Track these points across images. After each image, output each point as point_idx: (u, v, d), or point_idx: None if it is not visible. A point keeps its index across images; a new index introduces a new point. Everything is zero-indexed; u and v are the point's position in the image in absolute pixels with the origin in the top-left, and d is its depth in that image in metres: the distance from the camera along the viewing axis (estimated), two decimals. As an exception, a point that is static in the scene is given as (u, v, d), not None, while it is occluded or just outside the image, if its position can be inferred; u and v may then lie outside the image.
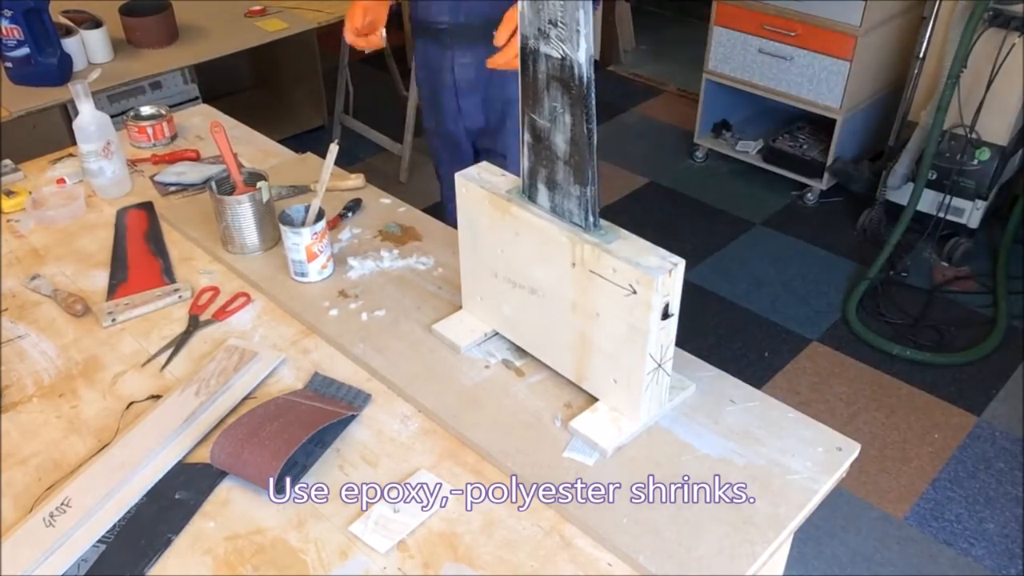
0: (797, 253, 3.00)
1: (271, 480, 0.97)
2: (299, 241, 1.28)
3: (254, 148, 1.76)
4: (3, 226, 1.52)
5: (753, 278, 2.88)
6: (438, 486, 1.00)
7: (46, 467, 1.05)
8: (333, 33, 3.43)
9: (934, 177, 2.79)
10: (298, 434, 1.01)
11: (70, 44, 2.30)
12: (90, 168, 1.55)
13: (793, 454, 1.02)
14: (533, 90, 0.96)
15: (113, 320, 1.28)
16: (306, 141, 3.51)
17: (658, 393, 1.04)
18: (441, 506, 0.98)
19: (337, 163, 1.34)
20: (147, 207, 1.56)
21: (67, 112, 2.31)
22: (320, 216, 1.30)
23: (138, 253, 1.44)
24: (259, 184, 1.38)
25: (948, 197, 2.80)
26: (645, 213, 3.26)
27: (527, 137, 1.01)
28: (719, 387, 1.12)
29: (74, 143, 1.56)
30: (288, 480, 1.00)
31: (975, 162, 2.73)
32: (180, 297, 1.32)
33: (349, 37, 1.56)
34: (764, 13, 3.03)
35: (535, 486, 0.99)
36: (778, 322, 2.68)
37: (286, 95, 3.76)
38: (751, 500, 0.97)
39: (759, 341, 2.61)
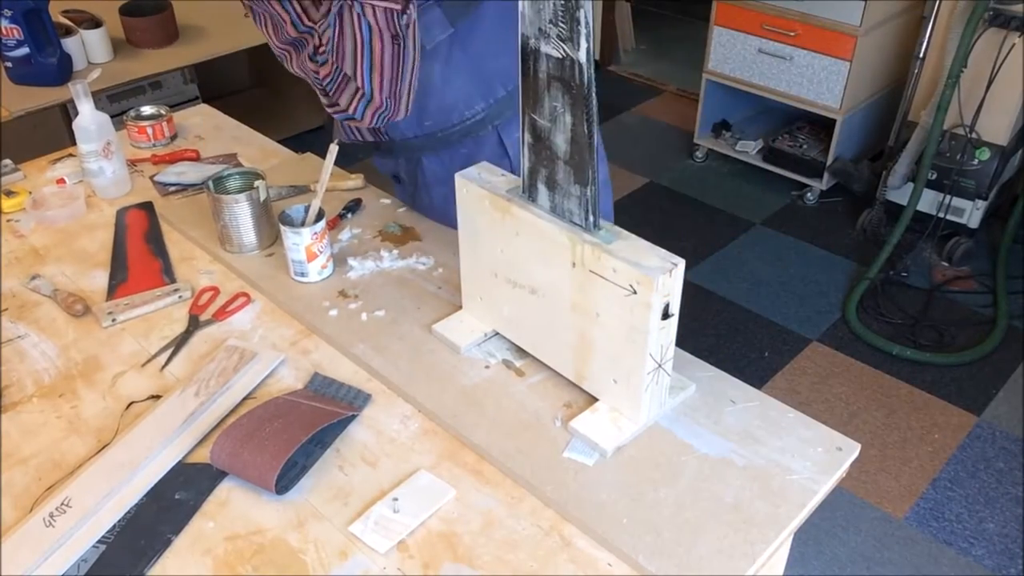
0: (797, 253, 3.00)
1: (271, 480, 0.97)
2: (299, 241, 1.28)
3: (254, 148, 1.76)
4: (3, 226, 1.52)
5: (753, 278, 2.88)
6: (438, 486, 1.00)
7: (46, 467, 1.05)
8: (333, 33, 3.43)
9: (934, 177, 2.79)
10: (298, 434, 1.01)
11: (70, 44, 2.30)
12: (90, 168, 1.55)
13: (793, 454, 1.02)
14: (533, 90, 0.96)
15: (113, 320, 1.28)
16: (306, 141, 3.50)
17: (658, 393, 1.04)
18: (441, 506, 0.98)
19: (337, 163, 1.34)
20: (147, 207, 1.56)
21: (67, 112, 2.31)
22: (320, 216, 1.30)
23: (138, 253, 1.44)
24: (256, 183, 1.38)
25: (948, 197, 2.80)
26: (645, 213, 3.26)
27: (527, 137, 1.01)
28: (719, 387, 1.12)
29: (74, 143, 1.56)
30: (287, 480, 1.01)
31: (975, 162, 2.73)
32: (180, 297, 1.32)
33: None
34: (764, 13, 3.03)
35: (535, 486, 0.99)
36: (778, 322, 2.68)
37: (286, 95, 3.75)
38: (751, 500, 0.97)
39: (759, 341, 2.61)
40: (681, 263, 0.94)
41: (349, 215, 1.50)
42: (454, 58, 1.22)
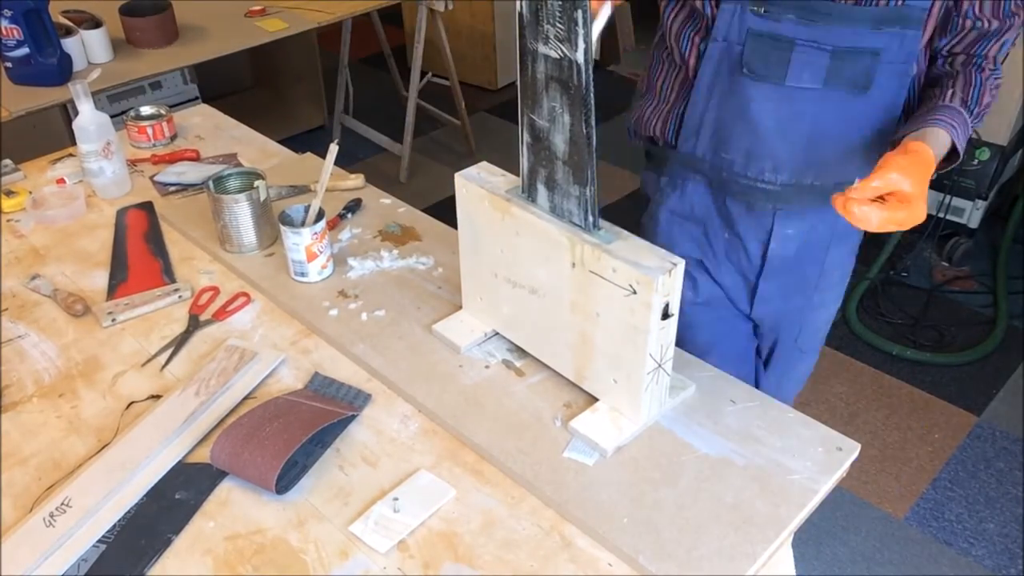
0: (797, 253, 3.00)
1: (271, 480, 0.97)
2: (299, 241, 1.28)
3: (254, 148, 1.76)
4: (3, 226, 1.52)
5: (753, 278, 2.88)
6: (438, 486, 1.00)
7: (46, 467, 1.05)
8: (333, 33, 3.44)
9: (934, 177, 2.79)
10: (298, 434, 1.01)
11: (70, 44, 2.30)
12: (90, 168, 1.55)
13: (793, 454, 1.02)
14: (532, 90, 0.96)
15: (113, 320, 1.28)
16: (306, 141, 3.51)
17: (658, 393, 1.04)
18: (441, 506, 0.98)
19: (337, 163, 1.34)
20: (147, 207, 1.56)
21: (67, 112, 2.31)
22: (320, 216, 1.30)
23: (138, 253, 1.44)
24: (256, 183, 1.38)
25: (948, 197, 2.80)
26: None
27: (526, 137, 1.01)
28: (719, 387, 1.12)
29: (74, 143, 1.56)
30: (288, 480, 1.01)
31: (975, 162, 2.73)
32: (180, 297, 1.32)
33: None
34: (764, 13, 3.02)
35: (535, 486, 0.99)
36: (778, 322, 2.68)
37: (286, 95, 3.75)
38: (751, 500, 0.97)
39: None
40: (681, 263, 0.94)
41: (349, 215, 1.50)
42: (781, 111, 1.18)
